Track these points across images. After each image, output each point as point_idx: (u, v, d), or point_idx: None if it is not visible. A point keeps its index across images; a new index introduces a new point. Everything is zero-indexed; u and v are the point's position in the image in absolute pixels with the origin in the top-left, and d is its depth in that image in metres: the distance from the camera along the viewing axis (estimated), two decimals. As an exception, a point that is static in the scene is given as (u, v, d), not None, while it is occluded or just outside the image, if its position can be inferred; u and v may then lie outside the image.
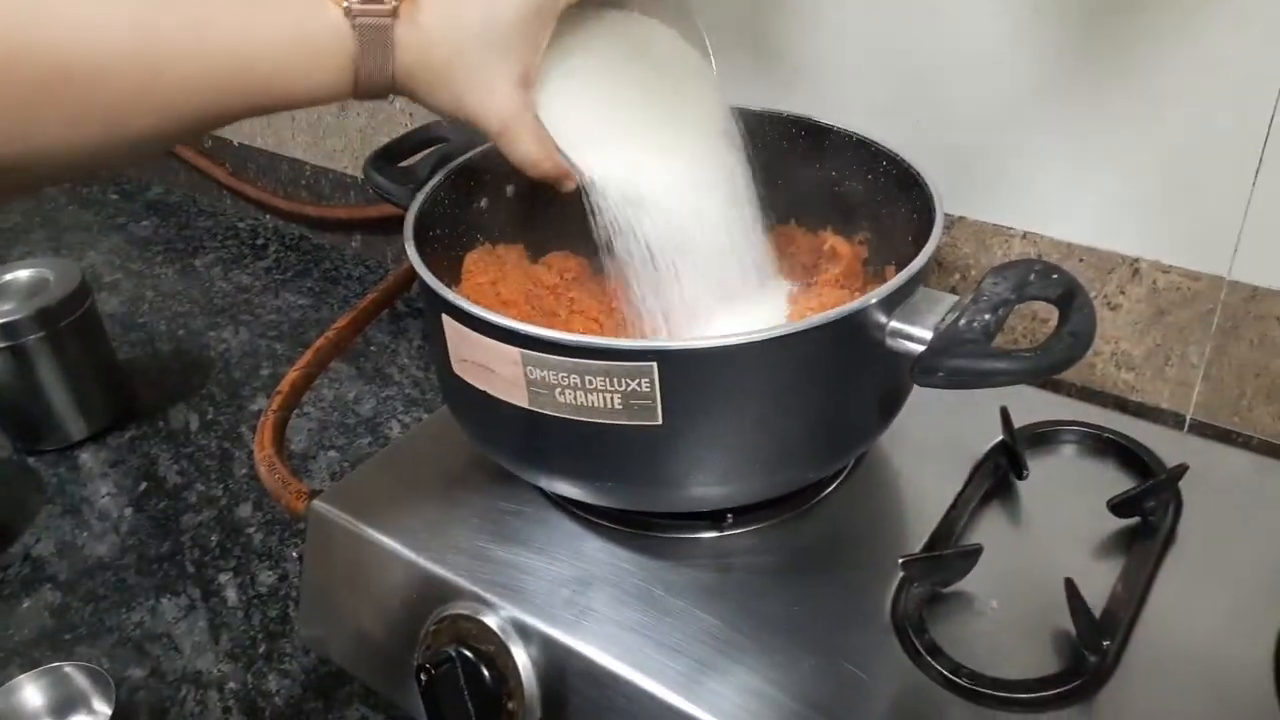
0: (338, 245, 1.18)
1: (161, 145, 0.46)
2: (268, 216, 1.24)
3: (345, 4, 0.45)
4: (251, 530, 0.79)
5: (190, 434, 0.90)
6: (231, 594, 0.73)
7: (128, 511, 0.82)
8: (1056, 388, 0.71)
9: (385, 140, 1.04)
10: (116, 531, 0.80)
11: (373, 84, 0.47)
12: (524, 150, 0.51)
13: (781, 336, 0.46)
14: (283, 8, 0.45)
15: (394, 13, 0.46)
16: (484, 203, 0.65)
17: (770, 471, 0.52)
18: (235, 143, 1.22)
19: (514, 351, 0.48)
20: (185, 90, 0.43)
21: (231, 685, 0.67)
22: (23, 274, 0.88)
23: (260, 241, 1.21)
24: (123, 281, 1.15)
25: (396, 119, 1.02)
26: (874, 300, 0.48)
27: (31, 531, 0.81)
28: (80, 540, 0.80)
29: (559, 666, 0.51)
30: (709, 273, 0.57)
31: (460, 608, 0.54)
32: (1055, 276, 0.48)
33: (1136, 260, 0.65)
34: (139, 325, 1.06)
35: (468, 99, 0.49)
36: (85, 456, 0.89)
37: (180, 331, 1.05)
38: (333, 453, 0.86)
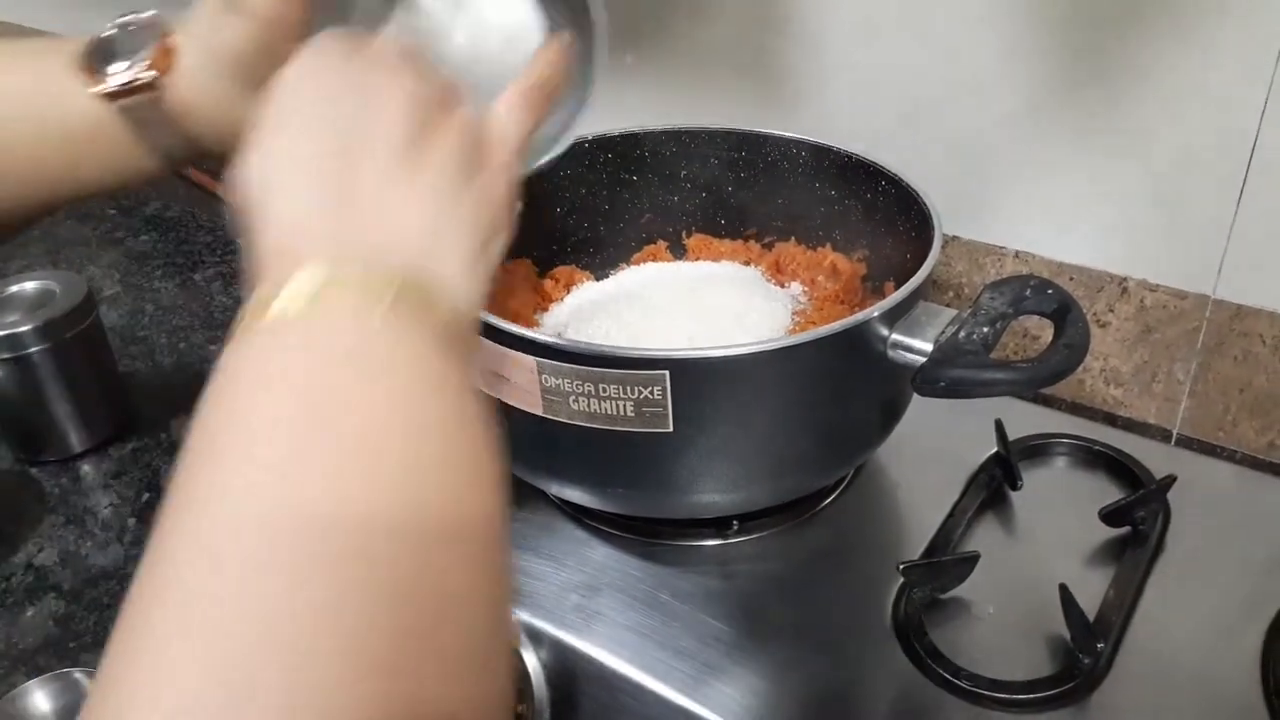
0: (337, 261, 1.19)
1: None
2: (267, 233, 1.25)
3: (97, 90, 0.43)
4: (255, 540, 0.80)
5: (192, 446, 0.90)
6: (235, 603, 0.74)
7: (131, 521, 0.82)
8: (1048, 403, 0.73)
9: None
10: (120, 541, 0.80)
11: (177, 154, 0.46)
12: None
13: (790, 347, 0.48)
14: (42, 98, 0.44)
15: (153, 85, 0.44)
16: (493, 218, 0.67)
17: (776, 478, 0.53)
18: (236, 159, 1.23)
19: (530, 360, 0.49)
20: None
21: (237, 692, 0.67)
22: (29, 286, 0.88)
23: (259, 257, 1.22)
24: (122, 295, 1.16)
25: (399, 137, 1.03)
26: (877, 313, 0.50)
27: (34, 541, 0.81)
28: (84, 550, 0.80)
29: (568, 669, 0.53)
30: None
31: (470, 612, 0.55)
32: (1050, 292, 0.50)
33: (1125, 279, 0.68)
34: (139, 338, 1.07)
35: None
36: (87, 467, 0.89)
37: (181, 345, 1.06)
38: (334, 465, 0.87)
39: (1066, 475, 0.64)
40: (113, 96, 0.44)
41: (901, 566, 0.53)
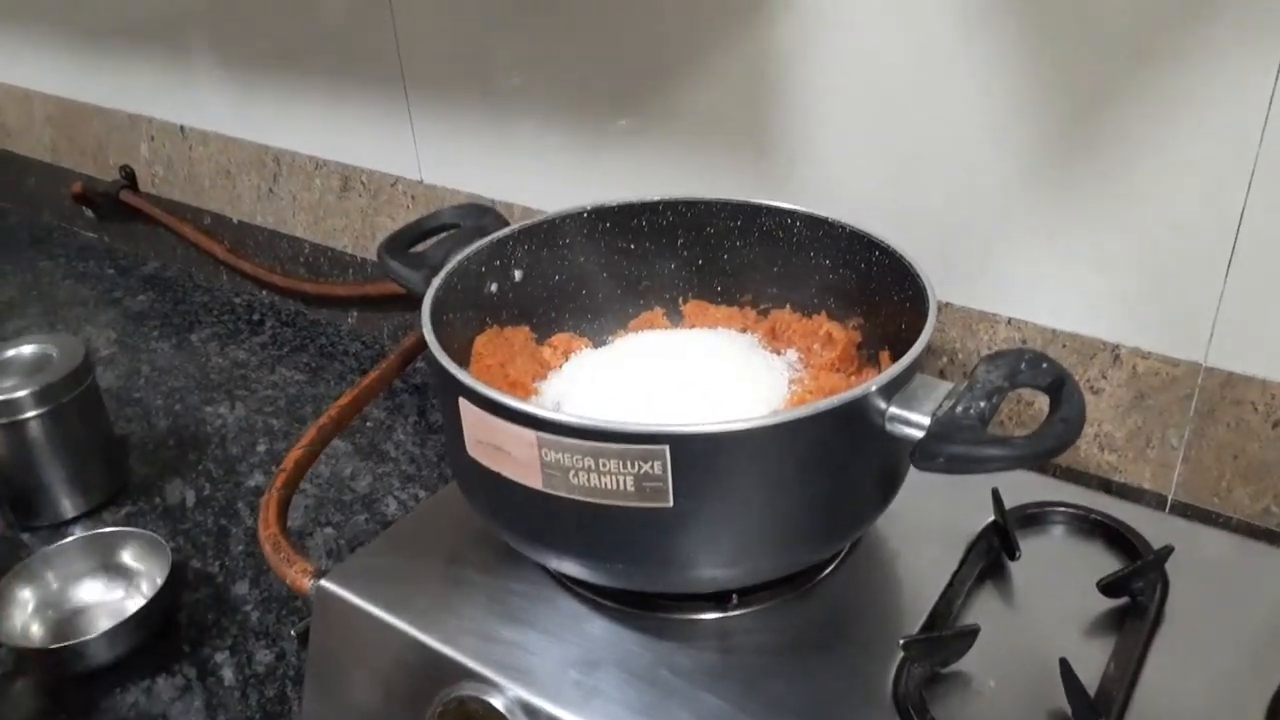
0: (334, 321, 1.19)
1: None
2: (264, 292, 1.26)
3: None
4: (248, 608, 0.79)
5: (186, 510, 0.90)
6: (228, 673, 0.73)
7: (123, 588, 0.82)
8: (1043, 469, 0.73)
9: (386, 220, 1.07)
10: (112, 609, 0.80)
11: None
12: None
13: (790, 422, 0.48)
14: None
15: None
16: (493, 287, 0.67)
17: (776, 552, 0.53)
18: (235, 220, 1.24)
19: (530, 434, 0.49)
20: None
21: (228, 767, 0.66)
22: (26, 349, 0.89)
23: (257, 317, 1.23)
24: (118, 356, 1.16)
25: (398, 200, 1.05)
26: (874, 387, 0.50)
27: (25, 609, 0.80)
28: (75, 618, 0.79)
29: (567, 747, 0.52)
30: None
31: (468, 689, 0.55)
32: (1045, 365, 0.51)
33: (1117, 346, 0.68)
34: (135, 400, 1.07)
35: None
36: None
37: (176, 407, 1.06)
38: (329, 529, 0.87)
39: (1064, 544, 0.64)
40: None
41: (902, 642, 0.52)
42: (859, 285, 0.66)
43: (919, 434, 0.50)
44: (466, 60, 0.92)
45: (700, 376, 0.63)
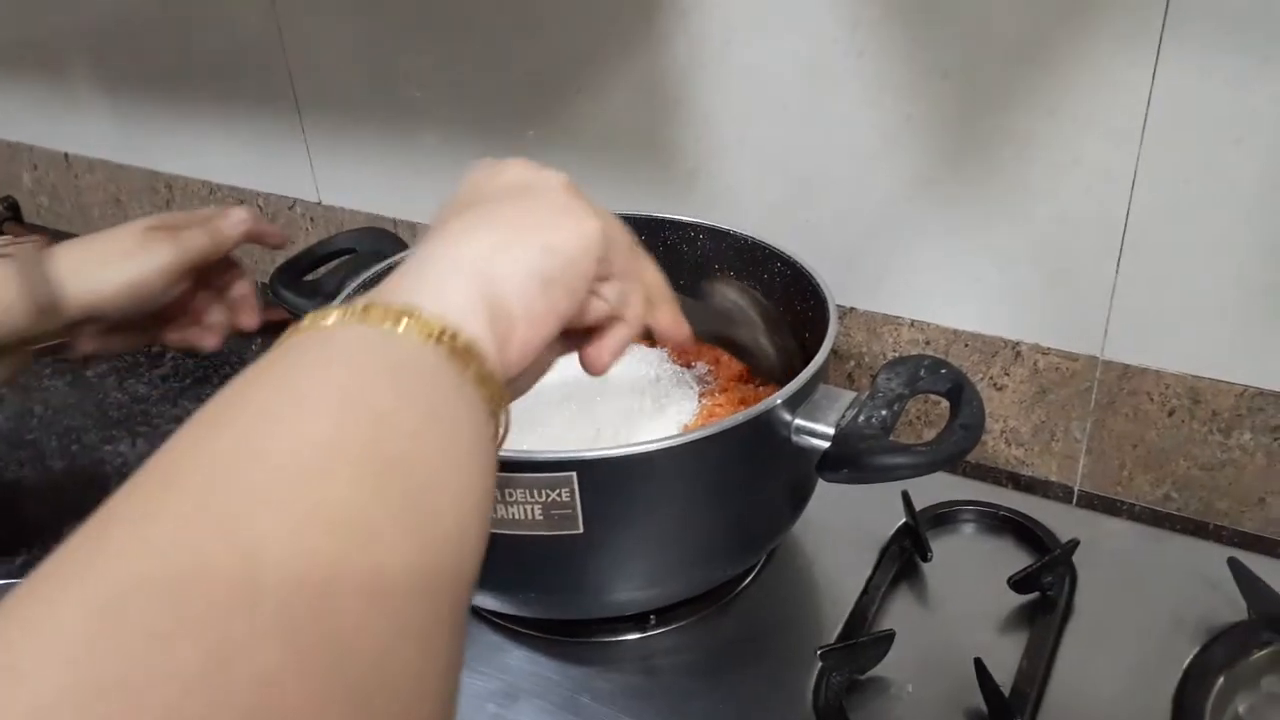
0: (238, 350, 1.15)
1: None
2: (163, 322, 1.21)
3: None
4: (155, 656, 0.76)
5: (86, 556, 0.86)
6: (135, 726, 0.70)
7: (19, 644, 0.77)
8: (952, 467, 0.74)
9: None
10: (7, 667, 0.76)
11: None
12: None
13: (695, 441, 0.48)
14: None
15: None
16: (393, 314, 0.65)
17: (691, 570, 0.53)
18: (128, 249, 1.19)
19: (432, 469, 0.48)
20: None
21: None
22: (-98, 398, 0.83)
23: (156, 349, 1.18)
24: (9, 397, 1.10)
25: (296, 223, 1.02)
26: (779, 401, 0.50)
27: (-89, 673, 0.76)
28: (-33, 679, 0.75)
29: (487, 784, 0.51)
30: None
31: (383, 729, 0.53)
32: (944, 371, 0.51)
33: (1018, 344, 0.70)
34: (27, 442, 1.02)
35: None
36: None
37: (74, 447, 1.01)
38: (240, 567, 0.84)
39: (974, 542, 0.65)
40: None
41: (819, 651, 0.53)
42: (763, 296, 0.66)
43: (824, 444, 0.50)
44: (361, 76, 0.90)
45: (609, 398, 0.62)
